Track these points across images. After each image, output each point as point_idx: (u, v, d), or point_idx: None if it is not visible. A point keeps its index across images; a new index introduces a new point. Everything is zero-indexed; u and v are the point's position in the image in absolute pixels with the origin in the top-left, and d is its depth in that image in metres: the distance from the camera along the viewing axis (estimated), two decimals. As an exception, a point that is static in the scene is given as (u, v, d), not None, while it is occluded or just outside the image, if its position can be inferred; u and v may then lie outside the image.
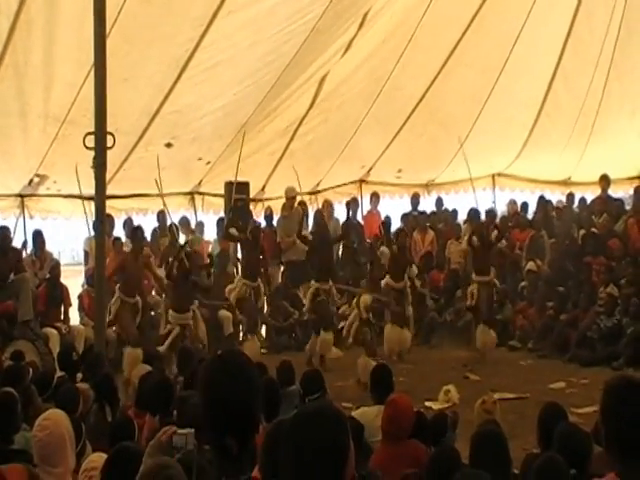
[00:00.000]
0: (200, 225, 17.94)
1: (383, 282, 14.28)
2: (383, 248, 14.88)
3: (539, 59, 17.89)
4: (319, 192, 19.37)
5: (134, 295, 13.56)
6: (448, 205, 19.50)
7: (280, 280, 17.10)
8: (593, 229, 16.80)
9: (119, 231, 16.46)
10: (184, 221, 17.35)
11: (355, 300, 13.92)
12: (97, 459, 5.22)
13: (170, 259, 13.51)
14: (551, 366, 13.90)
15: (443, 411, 8.69)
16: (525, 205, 19.04)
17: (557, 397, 10.36)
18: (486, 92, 18.07)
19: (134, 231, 14.32)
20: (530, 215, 18.81)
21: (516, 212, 18.84)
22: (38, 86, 13.19)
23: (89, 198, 13.71)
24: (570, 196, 19.04)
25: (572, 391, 11.95)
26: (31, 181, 15.14)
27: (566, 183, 20.77)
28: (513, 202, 19.40)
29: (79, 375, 9.69)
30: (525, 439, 8.06)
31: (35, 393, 7.45)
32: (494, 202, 20.57)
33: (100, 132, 10.35)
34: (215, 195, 17.35)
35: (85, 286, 15.47)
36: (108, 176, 11.75)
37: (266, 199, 18.45)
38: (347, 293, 15.90)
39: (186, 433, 3.97)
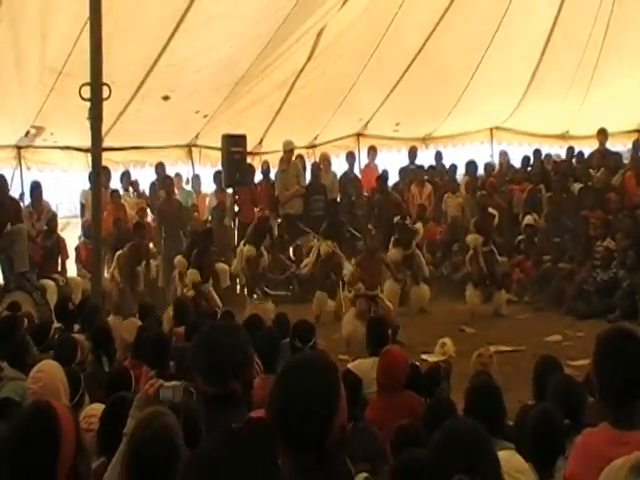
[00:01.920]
0: (197, 178, 17.93)
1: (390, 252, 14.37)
2: (418, 225, 15.17)
3: (538, 10, 17.74)
4: (316, 146, 19.31)
5: None
6: (445, 158, 19.47)
7: (277, 233, 17.03)
8: (590, 183, 16.82)
9: (116, 183, 16.48)
10: (175, 177, 17.34)
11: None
12: (97, 407, 5.28)
13: None
14: (547, 319, 13.94)
15: (436, 362, 8.74)
16: (526, 159, 18.95)
17: (553, 350, 10.41)
18: (484, 45, 17.96)
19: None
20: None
21: (508, 163, 18.87)
22: (34, 37, 13.07)
23: (86, 150, 13.68)
24: (570, 150, 19.02)
25: (568, 344, 12.00)
26: (27, 133, 15.09)
27: (564, 137, 20.75)
28: (504, 153, 19.41)
29: (76, 326, 9.74)
30: (520, 391, 8.09)
31: (30, 343, 7.47)
32: (492, 156, 20.56)
33: (96, 83, 10.28)
34: (212, 148, 17.26)
35: (82, 238, 15.48)
36: (105, 129, 11.72)
37: (263, 153, 18.39)
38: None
39: (173, 386, 4.00)
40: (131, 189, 16.75)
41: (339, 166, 18.64)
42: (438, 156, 19.57)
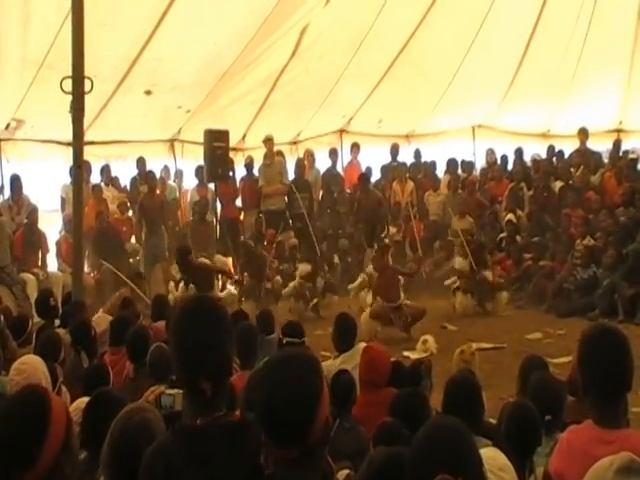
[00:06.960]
0: (179, 173, 17.84)
1: None
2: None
3: (521, 9, 17.79)
4: (300, 142, 19.28)
5: None
6: (428, 156, 19.47)
7: (255, 228, 16.87)
8: (571, 181, 16.88)
9: (96, 178, 16.42)
10: (162, 169, 17.27)
11: None
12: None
13: None
14: (528, 317, 13.97)
15: (419, 360, 8.73)
16: (504, 158, 19.03)
17: (534, 347, 10.47)
18: (467, 43, 17.99)
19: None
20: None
21: (494, 162, 18.88)
22: (15, 29, 12.98)
23: (67, 144, 13.60)
24: (550, 148, 19.08)
25: (549, 341, 12.03)
26: (8, 125, 14.98)
27: (545, 135, 20.84)
28: (491, 152, 19.39)
29: (56, 321, 9.65)
30: (501, 388, 8.13)
31: (10, 337, 7.41)
32: (474, 154, 20.58)
33: (77, 76, 10.19)
34: (195, 143, 17.18)
35: (62, 233, 15.39)
36: (86, 122, 11.62)
37: (246, 148, 18.34)
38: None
39: (174, 394, 3.98)
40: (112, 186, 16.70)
41: (322, 162, 18.62)
42: (417, 154, 19.57)
